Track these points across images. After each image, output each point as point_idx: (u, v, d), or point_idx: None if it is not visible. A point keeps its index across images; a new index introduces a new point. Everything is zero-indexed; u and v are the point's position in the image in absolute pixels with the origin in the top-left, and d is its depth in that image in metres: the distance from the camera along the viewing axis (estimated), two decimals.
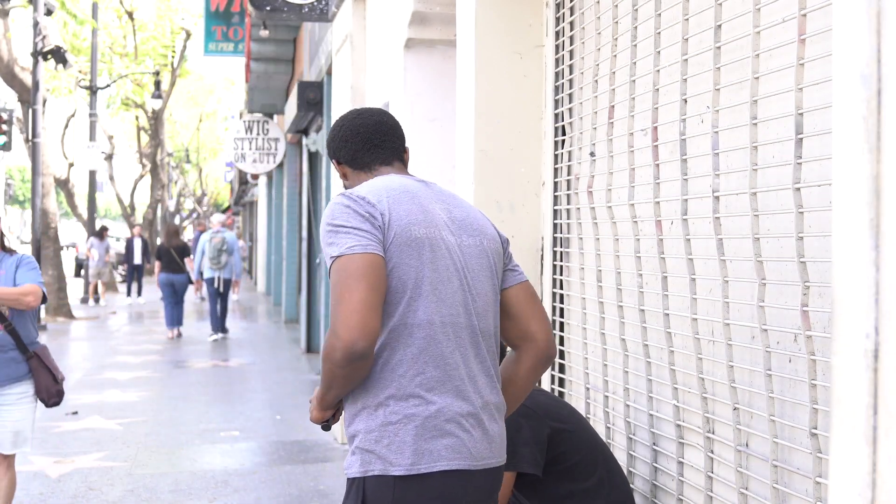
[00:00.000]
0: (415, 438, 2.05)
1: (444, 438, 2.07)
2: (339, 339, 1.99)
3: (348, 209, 2.11)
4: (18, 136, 20.96)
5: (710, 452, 2.61)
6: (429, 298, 2.10)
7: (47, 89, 17.16)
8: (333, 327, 2.01)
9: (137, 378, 9.97)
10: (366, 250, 2.05)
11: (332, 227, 2.10)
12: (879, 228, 1.60)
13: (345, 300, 2.00)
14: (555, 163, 3.75)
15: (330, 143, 2.39)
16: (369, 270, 2.03)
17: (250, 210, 35.24)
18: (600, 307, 3.30)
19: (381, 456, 2.06)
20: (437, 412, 2.07)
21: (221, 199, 54.16)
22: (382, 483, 2.06)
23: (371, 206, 2.11)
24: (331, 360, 2.02)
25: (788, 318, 2.23)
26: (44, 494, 5.57)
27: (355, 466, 2.10)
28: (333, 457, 6.49)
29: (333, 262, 2.05)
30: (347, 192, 2.17)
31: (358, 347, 1.99)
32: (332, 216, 2.12)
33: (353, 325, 1.98)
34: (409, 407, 2.07)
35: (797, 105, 2.12)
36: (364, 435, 2.09)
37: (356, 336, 1.98)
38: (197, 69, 42.23)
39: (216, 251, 13.47)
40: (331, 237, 2.09)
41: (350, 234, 2.07)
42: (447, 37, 5.22)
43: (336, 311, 2.00)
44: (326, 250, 2.09)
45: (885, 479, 1.58)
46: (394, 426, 2.06)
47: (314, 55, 10.88)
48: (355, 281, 2.01)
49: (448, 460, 2.06)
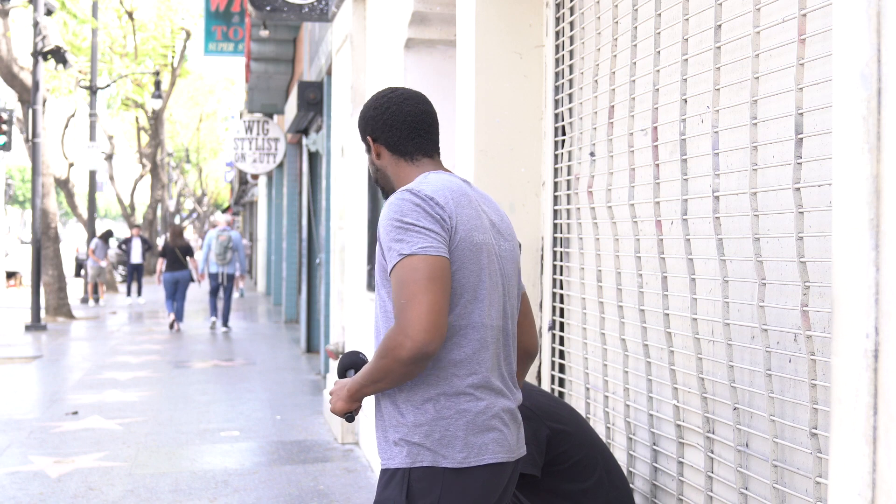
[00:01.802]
0: (465, 433, 2.14)
1: (490, 433, 2.17)
2: (409, 338, 2.04)
3: (418, 208, 2.13)
4: (18, 136, 20.98)
5: (710, 452, 2.61)
6: (483, 302, 2.20)
7: (47, 89, 17.15)
8: (403, 326, 2.05)
9: (137, 378, 9.97)
10: (438, 253, 2.09)
11: (402, 223, 2.11)
12: (879, 228, 1.60)
13: (418, 300, 2.04)
14: (555, 163, 3.75)
15: (370, 122, 2.37)
16: (441, 273, 2.08)
17: (250, 210, 35.23)
18: (600, 307, 3.30)
19: (432, 449, 2.14)
20: (486, 408, 2.18)
21: (221, 199, 54.14)
22: (431, 474, 2.14)
23: (441, 208, 2.15)
24: (395, 356, 2.07)
25: (788, 318, 2.23)
26: (44, 494, 5.57)
27: (400, 457, 2.16)
28: (333, 457, 6.49)
29: (403, 258, 2.08)
30: (415, 190, 2.17)
31: (429, 349, 2.05)
32: (400, 212, 2.13)
33: (427, 327, 2.04)
34: (461, 403, 2.15)
35: (797, 105, 2.12)
36: (412, 428, 2.15)
37: (429, 337, 2.04)
38: (197, 69, 42.28)
39: (223, 248, 14.58)
40: (399, 234, 2.11)
41: (422, 234, 2.10)
42: (447, 37, 5.22)
43: (407, 310, 2.05)
44: (393, 245, 2.10)
45: (885, 479, 1.58)
46: (445, 421, 2.14)
47: (314, 55, 10.88)
48: (430, 282, 2.06)
49: (493, 453, 2.17)
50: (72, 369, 10.99)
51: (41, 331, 14.70)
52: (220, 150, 47.87)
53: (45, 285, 16.41)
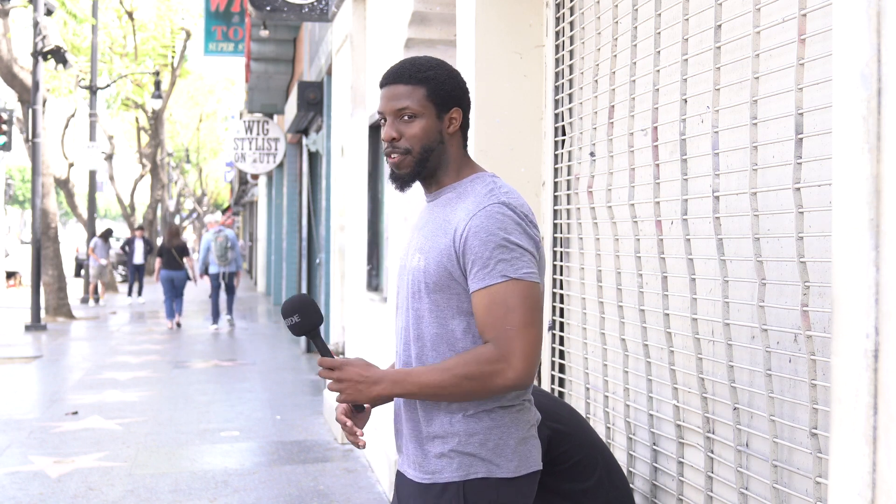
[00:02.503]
0: (517, 441, 2.10)
1: (532, 440, 2.15)
2: (513, 368, 1.97)
3: (519, 227, 2.03)
4: (18, 136, 20.98)
5: (710, 452, 2.61)
6: None
7: (47, 89, 17.16)
8: (508, 355, 1.97)
9: (137, 378, 9.97)
10: (538, 280, 2.03)
11: (510, 244, 2.00)
12: (879, 228, 1.60)
13: (527, 332, 1.97)
14: (555, 163, 3.75)
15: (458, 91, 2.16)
16: (541, 304, 2.03)
17: (250, 210, 35.24)
18: (600, 307, 3.30)
19: (486, 459, 2.07)
20: (532, 417, 2.17)
21: (221, 199, 54.16)
22: (485, 486, 2.07)
23: (535, 229, 2.07)
24: (490, 382, 1.98)
25: (788, 318, 2.23)
26: (44, 494, 5.57)
27: (449, 470, 2.07)
28: (333, 457, 6.49)
29: (508, 281, 1.98)
30: (512, 206, 2.04)
31: (527, 383, 2.01)
32: (505, 230, 2.01)
33: (533, 362, 1.99)
34: (513, 411, 2.10)
35: (797, 105, 2.12)
36: (464, 438, 2.07)
37: (531, 373, 1.99)
38: (197, 69, 42.29)
39: (223, 249, 14.75)
40: (508, 254, 1.99)
41: (526, 259, 2.01)
42: (447, 37, 5.22)
43: (515, 340, 1.97)
44: (496, 264, 1.98)
45: (885, 479, 1.58)
46: (500, 429, 2.08)
47: (314, 55, 10.88)
48: (536, 313, 2.00)
49: (536, 461, 2.15)
50: (72, 369, 10.99)
51: (41, 331, 14.70)
52: (220, 150, 47.88)
53: (45, 285, 16.41)
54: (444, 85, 2.14)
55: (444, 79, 2.16)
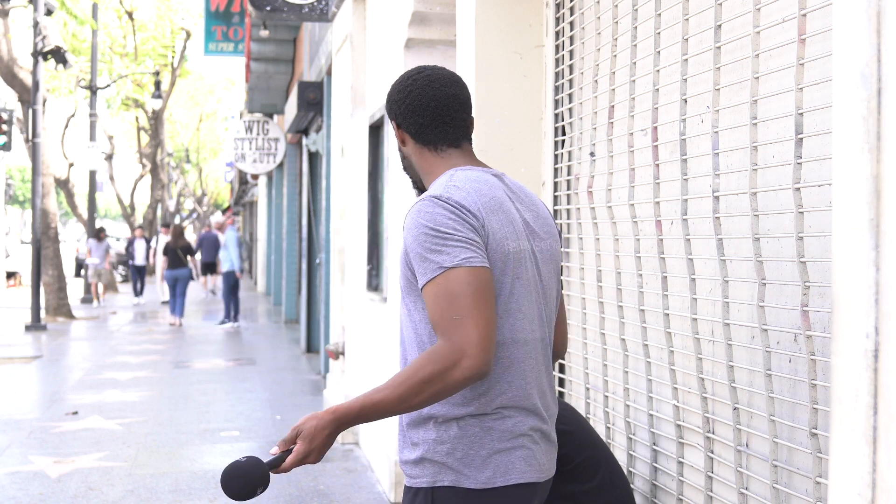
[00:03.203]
0: (489, 452, 2.02)
1: (518, 451, 2.04)
2: (468, 356, 1.87)
3: (454, 216, 1.97)
4: (18, 136, 20.97)
5: (710, 452, 2.60)
6: (514, 316, 2.05)
7: (47, 89, 17.16)
8: (459, 344, 1.88)
9: (137, 378, 9.97)
10: (482, 264, 1.94)
11: (438, 233, 1.95)
12: (879, 228, 1.60)
13: (473, 317, 1.89)
14: (555, 163, 3.75)
15: (393, 106, 2.19)
16: (488, 287, 1.93)
17: (250, 210, 35.23)
18: (600, 307, 3.30)
19: (454, 468, 2.02)
20: (514, 426, 2.05)
21: (221, 199, 54.14)
22: (453, 494, 2.02)
23: (473, 217, 1.99)
24: (448, 377, 1.88)
25: (788, 318, 2.23)
26: (44, 494, 5.57)
27: (423, 477, 2.05)
28: (333, 457, 6.49)
29: (445, 271, 1.92)
30: (444, 197, 2.00)
31: (487, 368, 1.91)
32: (433, 221, 1.96)
33: (487, 346, 1.89)
34: (487, 421, 2.03)
35: (797, 105, 2.12)
36: (433, 446, 2.03)
37: (487, 357, 1.90)
38: (197, 69, 42.28)
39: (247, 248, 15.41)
40: (436, 243, 1.94)
41: (463, 246, 1.94)
42: (447, 37, 5.22)
43: (462, 327, 1.88)
44: (429, 256, 1.94)
45: (885, 479, 1.58)
46: (468, 439, 2.02)
47: (314, 55, 10.88)
48: (483, 298, 1.91)
49: (521, 472, 2.04)
50: (72, 369, 10.99)
51: (41, 331, 14.70)
52: (220, 150, 47.86)
53: (45, 285, 16.41)
54: (386, 105, 2.22)
55: (387, 99, 2.22)
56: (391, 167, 5.84)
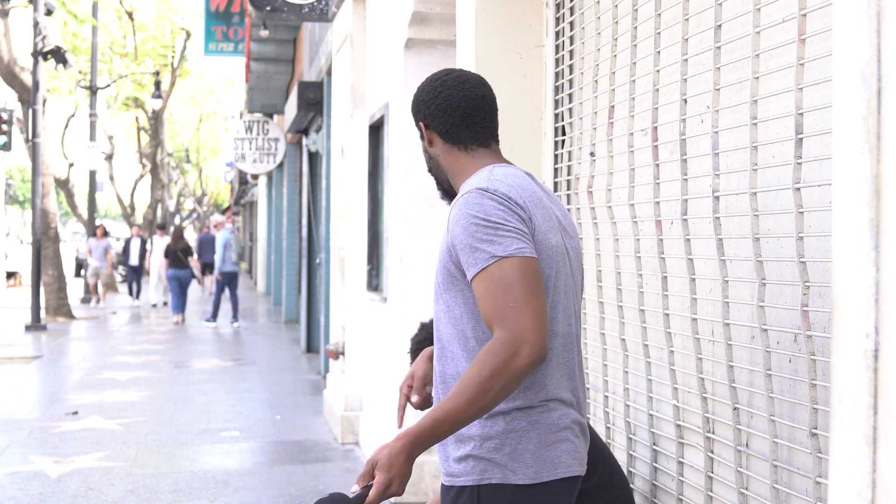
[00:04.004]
0: (537, 446, 2.02)
1: (563, 444, 2.06)
2: (528, 343, 1.87)
3: (503, 207, 1.99)
4: (18, 136, 20.97)
5: (710, 452, 2.60)
6: (555, 309, 2.07)
7: (47, 89, 17.16)
8: (518, 332, 1.88)
9: (137, 378, 9.97)
10: (533, 255, 1.97)
11: (489, 223, 1.97)
12: (879, 228, 1.60)
13: (531, 305, 1.90)
14: (555, 163, 3.75)
15: (422, 107, 2.23)
16: (539, 278, 1.96)
17: (250, 210, 35.23)
18: (600, 307, 3.30)
19: (501, 464, 2.02)
20: (559, 419, 2.06)
21: (221, 199, 54.15)
22: (500, 491, 2.02)
23: (521, 209, 2.02)
24: (513, 367, 1.87)
25: (788, 318, 2.23)
26: (44, 494, 5.57)
27: (466, 474, 2.04)
28: (333, 457, 6.49)
29: (498, 261, 1.93)
30: (491, 189, 2.03)
31: (545, 355, 1.91)
32: (483, 211, 1.98)
33: (544, 331, 1.90)
34: (533, 414, 2.03)
35: (797, 105, 2.12)
36: (480, 442, 2.03)
37: (545, 342, 1.91)
38: (197, 69, 42.28)
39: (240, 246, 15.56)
40: (487, 233, 1.96)
41: (515, 236, 1.96)
42: (447, 37, 5.22)
43: (519, 314, 1.89)
44: (481, 246, 1.95)
45: (885, 479, 1.58)
46: (516, 433, 2.02)
47: (314, 55, 10.88)
48: (537, 286, 1.93)
49: (567, 466, 2.06)
50: (72, 369, 11.00)
51: (41, 331, 14.70)
52: (220, 150, 47.87)
53: (45, 285, 16.41)
54: (412, 107, 2.25)
55: (412, 101, 2.25)
56: (391, 167, 5.84)
